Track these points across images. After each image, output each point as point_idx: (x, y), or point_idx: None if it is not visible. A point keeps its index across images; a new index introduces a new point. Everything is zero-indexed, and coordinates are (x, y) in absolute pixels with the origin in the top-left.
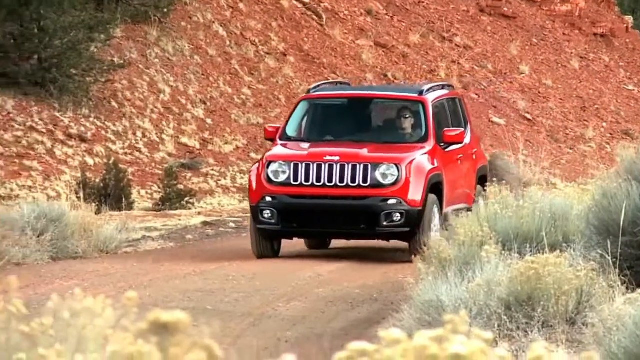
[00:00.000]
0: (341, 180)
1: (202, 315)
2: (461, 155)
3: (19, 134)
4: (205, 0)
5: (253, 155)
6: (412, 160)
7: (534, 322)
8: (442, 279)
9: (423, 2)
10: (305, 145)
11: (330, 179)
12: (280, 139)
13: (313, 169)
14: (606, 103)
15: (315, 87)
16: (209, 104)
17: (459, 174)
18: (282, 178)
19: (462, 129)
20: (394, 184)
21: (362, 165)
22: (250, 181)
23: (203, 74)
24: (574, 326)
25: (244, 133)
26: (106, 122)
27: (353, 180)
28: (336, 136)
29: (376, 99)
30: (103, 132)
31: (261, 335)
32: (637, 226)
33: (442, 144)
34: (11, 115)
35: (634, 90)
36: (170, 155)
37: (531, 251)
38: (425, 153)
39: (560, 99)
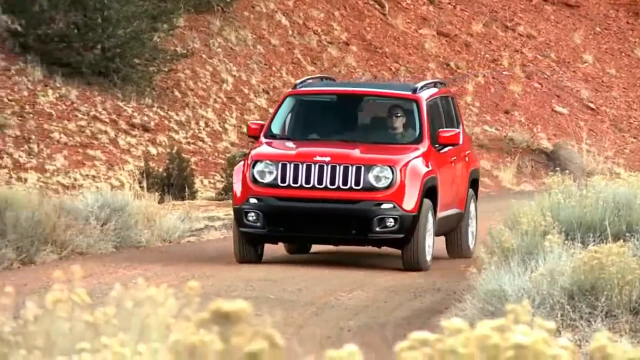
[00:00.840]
0: (332, 182)
1: (265, 305)
2: (455, 158)
3: (83, 123)
4: None
5: None
6: (408, 163)
7: (597, 311)
8: (504, 268)
9: None
10: (293, 144)
11: (320, 181)
12: (265, 137)
13: (302, 170)
14: None
15: (301, 82)
16: (271, 93)
17: (453, 177)
18: (268, 179)
19: (458, 130)
20: (388, 187)
21: (354, 167)
22: (233, 181)
23: (266, 64)
24: (637, 316)
25: None
26: (169, 112)
27: (345, 182)
28: (325, 135)
29: (367, 96)
30: (166, 122)
31: (324, 325)
32: None
33: (437, 145)
34: (75, 105)
35: None
36: (233, 144)
37: (594, 241)
38: (420, 155)
39: (624, 88)
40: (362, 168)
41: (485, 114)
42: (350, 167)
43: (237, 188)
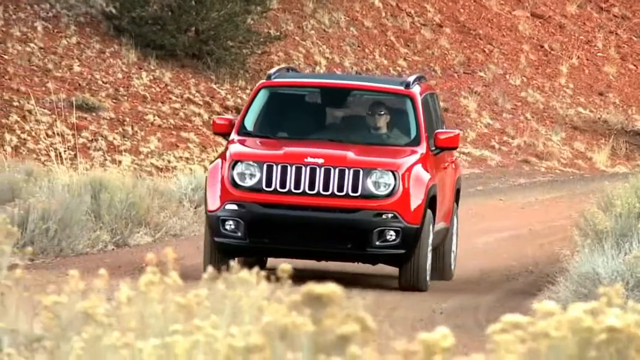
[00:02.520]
0: (325, 187)
1: (356, 287)
2: (447, 164)
3: (177, 105)
4: None
5: None
6: (411, 167)
7: None
8: (598, 251)
9: None
10: (276, 142)
11: (311, 186)
12: (239, 134)
13: (291, 173)
14: None
15: (276, 72)
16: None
17: (446, 186)
18: (251, 182)
19: (457, 131)
20: (390, 194)
21: (351, 171)
22: (207, 184)
23: (359, 46)
24: None
25: None
26: None
27: (340, 188)
28: (307, 133)
29: (355, 90)
30: None
31: (416, 307)
32: None
33: (434, 149)
34: (169, 87)
35: None
36: None
37: None
38: (420, 159)
39: None
40: (361, 172)
41: (579, 96)
42: (347, 171)
43: (213, 192)
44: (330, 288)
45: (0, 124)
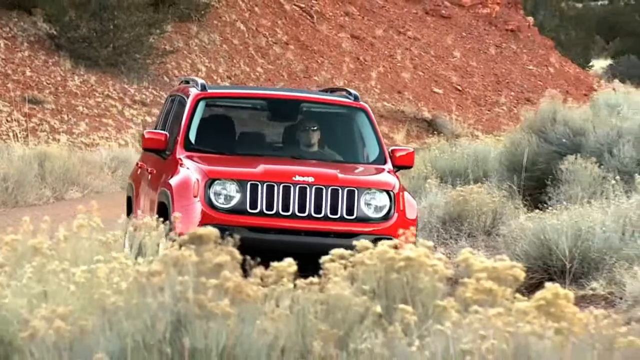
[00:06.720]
0: (317, 210)
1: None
2: None
3: (99, 100)
4: (230, 5)
5: None
6: (401, 187)
7: (462, 233)
8: None
9: (385, 7)
10: (246, 159)
11: (302, 208)
12: (186, 149)
13: (278, 193)
14: (514, 79)
15: (201, 84)
16: (233, 79)
17: None
18: (231, 203)
19: (412, 149)
20: (386, 217)
21: (345, 191)
22: (173, 203)
23: (229, 58)
24: (490, 236)
25: None
26: (160, 92)
27: (334, 210)
28: (264, 149)
29: (305, 103)
30: (158, 99)
31: None
32: (534, 165)
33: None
34: (94, 87)
35: (533, 69)
36: None
37: (460, 183)
38: (397, 178)
39: (482, 75)
40: (356, 192)
41: (384, 94)
42: (340, 191)
43: (186, 213)
44: (208, 230)
45: None
